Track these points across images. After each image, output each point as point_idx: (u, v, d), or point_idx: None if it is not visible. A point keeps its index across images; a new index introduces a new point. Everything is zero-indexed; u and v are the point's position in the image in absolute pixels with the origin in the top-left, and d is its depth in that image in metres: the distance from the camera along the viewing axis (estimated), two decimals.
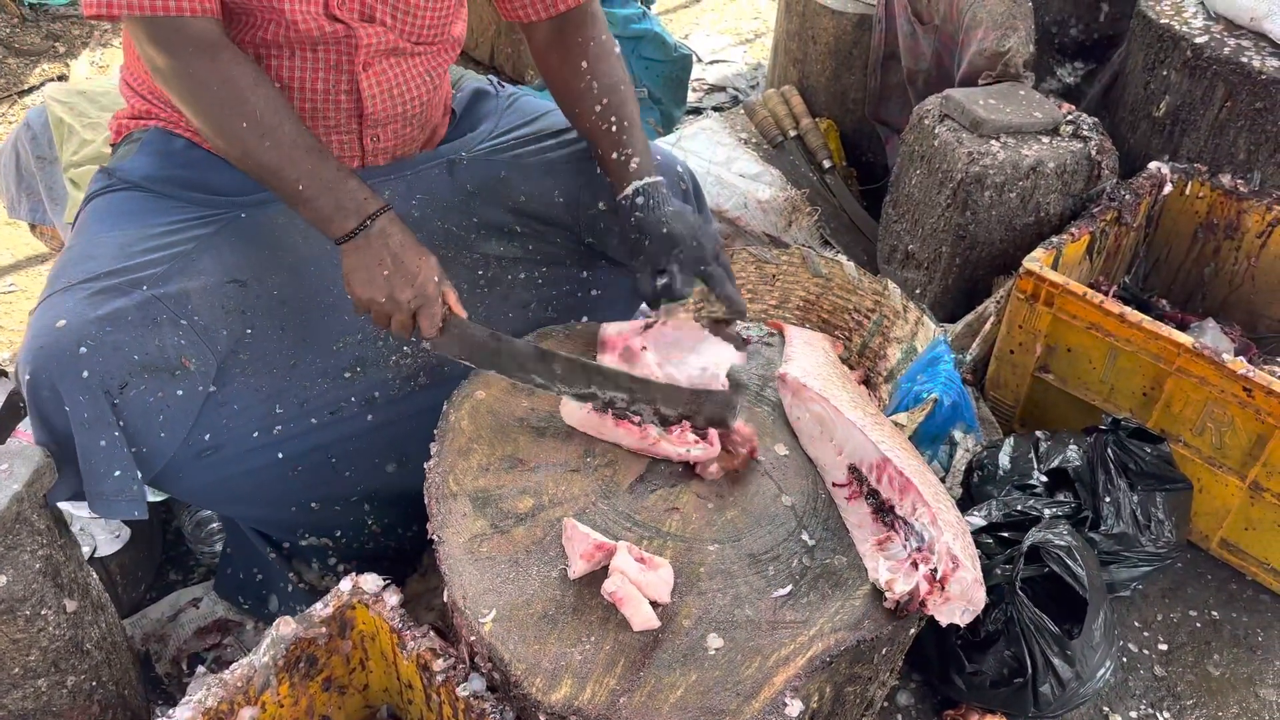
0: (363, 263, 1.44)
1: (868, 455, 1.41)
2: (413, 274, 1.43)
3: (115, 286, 1.39)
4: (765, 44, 3.95)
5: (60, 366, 1.33)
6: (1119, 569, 1.81)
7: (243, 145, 1.41)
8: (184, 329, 1.42)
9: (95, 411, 1.34)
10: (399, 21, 1.55)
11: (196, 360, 1.44)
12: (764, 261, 2.41)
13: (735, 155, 2.80)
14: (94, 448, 1.35)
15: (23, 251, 2.83)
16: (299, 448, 1.58)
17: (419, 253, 1.46)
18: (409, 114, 1.65)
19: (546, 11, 1.64)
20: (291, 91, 1.54)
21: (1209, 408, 1.89)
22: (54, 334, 1.34)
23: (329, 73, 1.54)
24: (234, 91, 1.40)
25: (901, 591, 1.27)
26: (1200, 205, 2.31)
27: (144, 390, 1.38)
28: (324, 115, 1.57)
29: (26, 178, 2.24)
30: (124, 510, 1.39)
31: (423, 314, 1.45)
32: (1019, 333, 2.11)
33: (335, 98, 1.56)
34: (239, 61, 1.42)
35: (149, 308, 1.39)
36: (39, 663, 1.38)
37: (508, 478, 1.43)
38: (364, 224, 1.43)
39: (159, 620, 1.82)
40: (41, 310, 1.38)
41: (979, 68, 2.40)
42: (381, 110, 1.60)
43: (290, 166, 1.42)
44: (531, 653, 1.22)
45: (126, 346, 1.36)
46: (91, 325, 1.35)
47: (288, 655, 1.33)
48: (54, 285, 1.42)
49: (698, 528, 1.38)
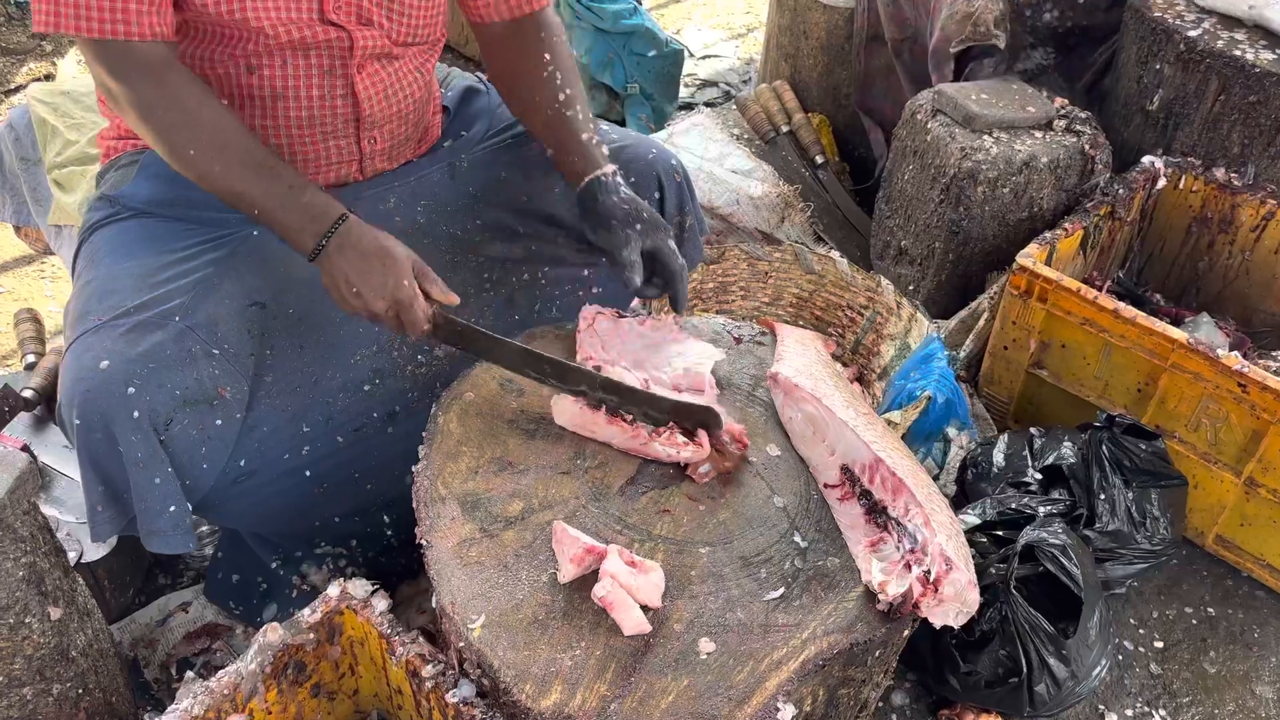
0: (333, 280, 1.42)
1: (860, 456, 1.40)
2: (380, 283, 1.39)
3: (148, 321, 1.39)
4: (757, 39, 3.93)
5: (111, 409, 1.32)
6: (1114, 566, 1.81)
7: (195, 169, 1.41)
8: (216, 359, 1.42)
9: (147, 450, 1.35)
10: (394, 23, 1.54)
11: (231, 388, 1.44)
12: (756, 258, 2.40)
13: (727, 151, 2.79)
14: (149, 486, 1.36)
15: (8, 253, 2.81)
16: (326, 466, 1.59)
17: (384, 256, 1.41)
18: (404, 113, 1.65)
19: (512, 12, 1.64)
20: (286, 99, 1.52)
21: (1204, 403, 1.88)
22: (100, 376, 1.33)
23: (323, 78, 1.52)
24: (182, 114, 1.39)
25: (895, 594, 1.26)
26: (1194, 199, 2.30)
27: (187, 425, 1.38)
28: (320, 121, 1.56)
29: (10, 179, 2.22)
30: (179, 544, 1.40)
31: (404, 319, 1.43)
32: (1013, 329, 2.09)
33: (331, 103, 1.55)
34: (186, 83, 1.40)
35: (184, 340, 1.39)
36: (24, 671, 1.37)
37: (497, 481, 1.41)
38: (323, 240, 1.41)
39: (148, 625, 1.80)
40: (77, 351, 1.37)
41: (950, 31, 2.38)
42: (378, 111, 1.60)
43: (244, 188, 1.40)
44: (521, 658, 1.21)
45: (170, 383, 1.36)
46: (135, 364, 1.34)
47: (275, 662, 1.32)
48: (83, 324, 1.40)
49: (689, 530, 1.37)
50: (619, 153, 1.72)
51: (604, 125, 1.78)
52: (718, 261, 2.39)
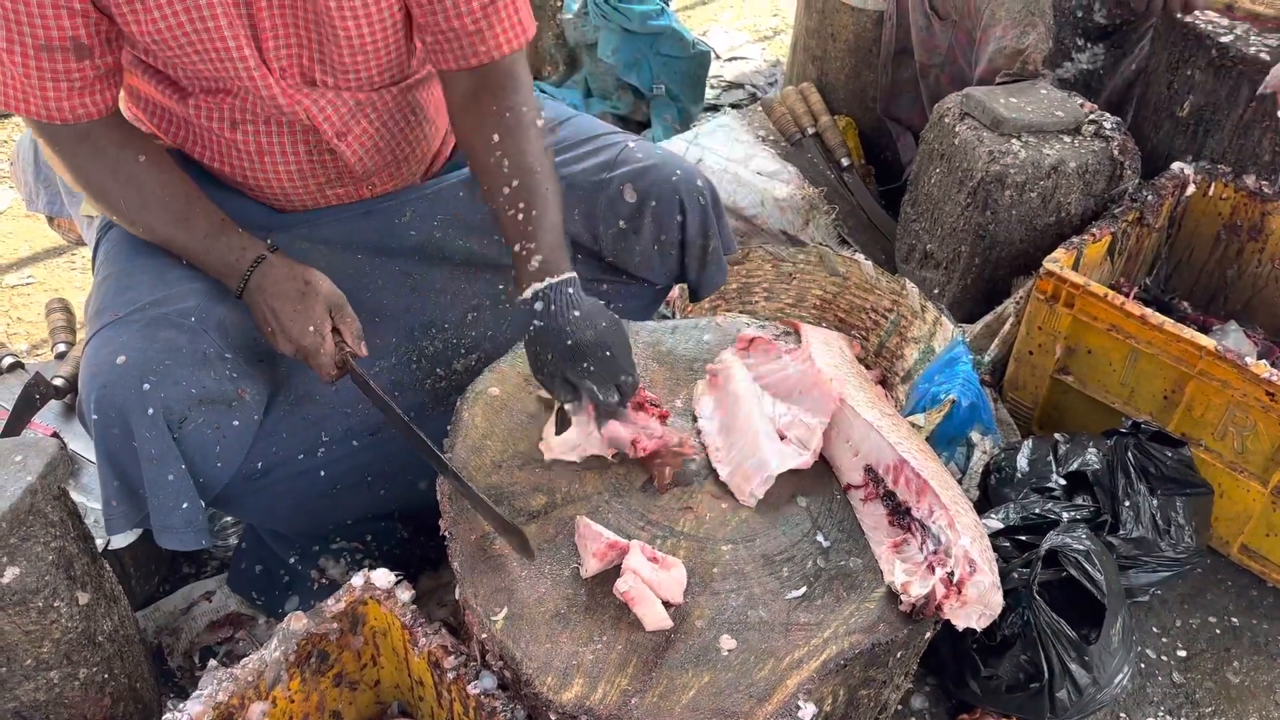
0: (256, 322, 1.44)
1: (884, 456, 1.40)
2: (288, 328, 1.40)
3: (164, 316, 1.40)
4: (784, 41, 3.93)
5: (128, 404, 1.33)
6: (1138, 574, 1.79)
7: (129, 223, 1.46)
8: (229, 361, 1.43)
9: (162, 446, 1.36)
10: (339, 80, 1.47)
11: (251, 391, 1.45)
12: (781, 260, 2.40)
13: (753, 153, 2.78)
14: (162, 482, 1.37)
15: (40, 244, 2.84)
16: (341, 468, 1.60)
17: (295, 301, 1.40)
18: (401, 157, 1.62)
19: (458, 62, 1.47)
20: (273, 156, 1.51)
21: (1231, 411, 1.87)
22: (117, 371, 1.34)
23: (307, 137, 1.51)
24: (109, 173, 1.42)
25: (917, 594, 1.25)
26: (1224, 206, 2.28)
27: (202, 423, 1.39)
28: (313, 174, 1.55)
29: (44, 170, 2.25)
30: (191, 541, 1.41)
31: (310, 364, 1.42)
32: (1038, 334, 2.08)
33: (320, 158, 1.54)
34: (111, 141, 1.42)
35: (198, 341, 1.40)
36: (51, 655, 1.38)
37: (520, 475, 1.42)
38: (242, 284, 1.43)
39: (171, 613, 1.82)
40: (96, 346, 1.39)
41: (998, 65, 2.37)
42: (371, 165, 1.58)
43: (169, 239, 1.45)
44: (543, 651, 1.21)
45: (185, 380, 1.37)
46: (151, 360, 1.35)
47: (299, 650, 1.33)
48: (100, 319, 1.42)
49: (711, 527, 1.37)
50: (642, 174, 1.67)
51: (630, 142, 1.73)
52: (742, 262, 2.39)
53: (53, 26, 1.29)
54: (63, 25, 1.30)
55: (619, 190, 1.67)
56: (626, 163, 1.68)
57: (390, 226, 1.62)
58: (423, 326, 1.66)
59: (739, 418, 1.47)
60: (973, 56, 2.49)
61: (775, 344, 1.59)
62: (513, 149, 1.45)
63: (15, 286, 2.71)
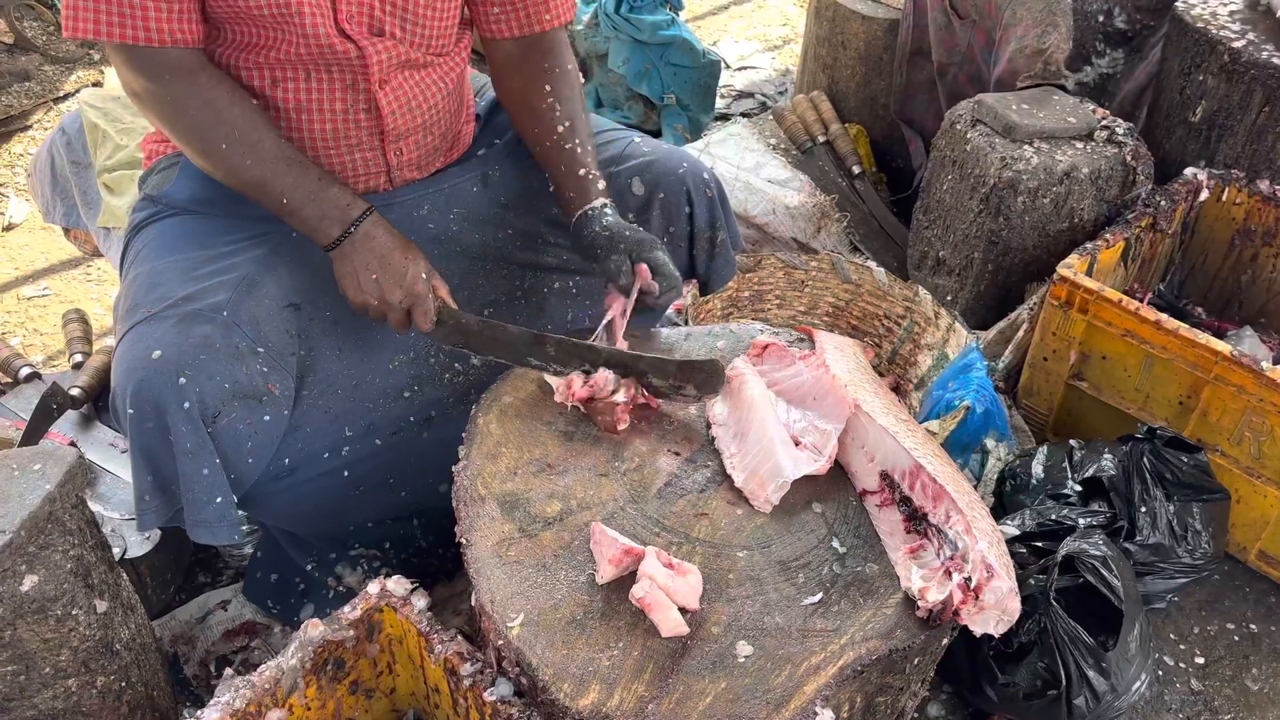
0: (351, 268, 1.47)
1: (900, 462, 1.39)
2: (400, 274, 1.46)
3: (197, 312, 1.41)
4: (794, 50, 3.94)
5: (164, 397, 1.35)
6: (1155, 580, 1.78)
7: (225, 163, 1.45)
8: (261, 356, 1.45)
9: (197, 440, 1.37)
10: (408, 33, 1.54)
11: (280, 385, 1.47)
12: (793, 267, 2.40)
13: (764, 161, 2.79)
14: (197, 476, 1.38)
15: (57, 255, 2.86)
16: (364, 468, 1.61)
17: (405, 252, 1.48)
18: (430, 124, 1.65)
19: (520, 29, 1.64)
20: (310, 113, 1.54)
21: (1247, 416, 1.86)
22: (152, 365, 1.35)
23: (345, 92, 1.54)
24: (213, 112, 1.43)
25: (935, 600, 1.25)
26: (1238, 211, 2.27)
27: (235, 418, 1.40)
28: (345, 134, 1.58)
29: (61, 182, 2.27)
30: (224, 536, 1.42)
31: (416, 311, 1.48)
32: (1052, 340, 2.08)
33: (355, 116, 1.56)
34: (217, 82, 1.44)
35: (231, 335, 1.42)
36: (69, 663, 1.39)
37: (536, 481, 1.42)
38: (348, 230, 1.46)
39: (187, 622, 1.83)
40: (130, 342, 1.40)
41: (1018, 65, 2.37)
42: (402, 124, 1.61)
43: (274, 180, 1.45)
44: (559, 658, 1.21)
45: (219, 374, 1.38)
46: (186, 354, 1.37)
47: (315, 658, 1.33)
48: (134, 315, 1.43)
49: (727, 533, 1.37)
50: (648, 166, 1.71)
51: (635, 137, 1.78)
52: (754, 270, 2.39)
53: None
54: None
55: (627, 183, 1.71)
56: (633, 157, 1.73)
57: (407, 220, 1.64)
58: None
59: (753, 424, 1.47)
60: (991, 56, 2.49)
61: (789, 350, 1.59)
62: (561, 96, 1.64)
63: (32, 298, 2.73)
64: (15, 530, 1.27)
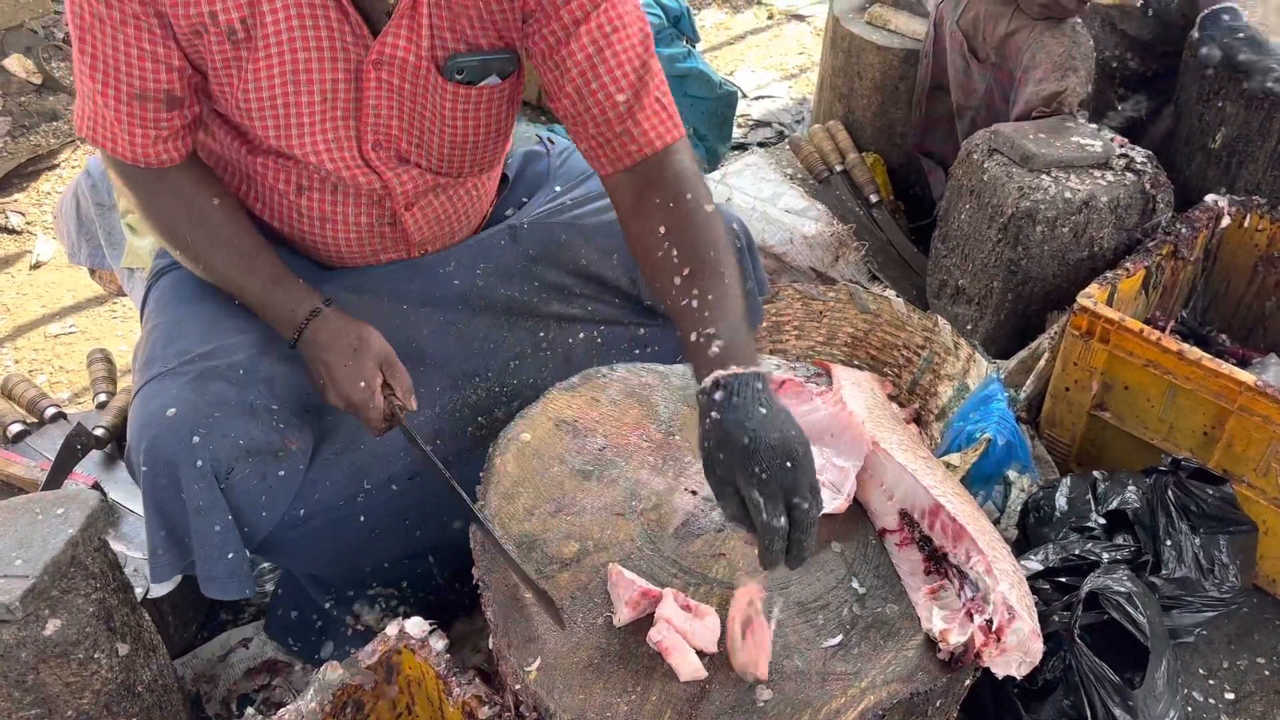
0: (310, 369, 1.46)
1: (919, 500, 1.38)
2: (341, 379, 1.42)
3: (213, 369, 1.42)
4: (810, 79, 3.95)
5: (177, 456, 1.36)
6: (1182, 614, 1.75)
7: (199, 259, 1.49)
8: (276, 413, 1.45)
9: (209, 498, 1.38)
10: (432, 163, 1.53)
11: (298, 441, 1.47)
12: (811, 298, 2.39)
13: (781, 191, 2.79)
14: (209, 533, 1.39)
15: (83, 294, 2.90)
16: (380, 513, 1.61)
17: (347, 356, 1.43)
18: (456, 228, 1.66)
19: (615, 164, 1.43)
20: (334, 223, 1.55)
21: (1273, 447, 1.83)
22: (166, 423, 1.36)
23: (371, 208, 1.54)
24: (181, 205, 1.45)
25: (956, 643, 1.23)
26: (1260, 238, 2.26)
27: (248, 474, 1.41)
28: (369, 243, 1.59)
29: (86, 224, 2.29)
30: (234, 590, 1.43)
31: (361, 419, 1.45)
32: (1074, 370, 2.06)
33: (380, 229, 1.57)
34: (184, 175, 1.46)
35: (246, 392, 1.42)
36: (92, 706, 1.40)
37: (553, 522, 1.42)
38: (296, 337, 1.46)
39: (209, 660, 1.83)
40: (145, 396, 1.41)
41: (1033, 105, 2.37)
42: (429, 235, 1.62)
43: (232, 277, 1.48)
44: (577, 702, 1.20)
45: (234, 432, 1.39)
46: (200, 412, 1.37)
47: (334, 701, 1.33)
48: (150, 369, 1.44)
49: (745, 574, 1.36)
50: None
51: None
52: (771, 301, 2.39)
53: (149, 79, 1.34)
54: (159, 79, 1.35)
55: None
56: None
57: (435, 277, 1.64)
58: (466, 375, 1.68)
59: None
60: (1012, 97, 2.48)
61: (806, 386, 1.58)
62: (680, 238, 1.36)
63: (58, 335, 2.77)
64: (39, 575, 1.28)
